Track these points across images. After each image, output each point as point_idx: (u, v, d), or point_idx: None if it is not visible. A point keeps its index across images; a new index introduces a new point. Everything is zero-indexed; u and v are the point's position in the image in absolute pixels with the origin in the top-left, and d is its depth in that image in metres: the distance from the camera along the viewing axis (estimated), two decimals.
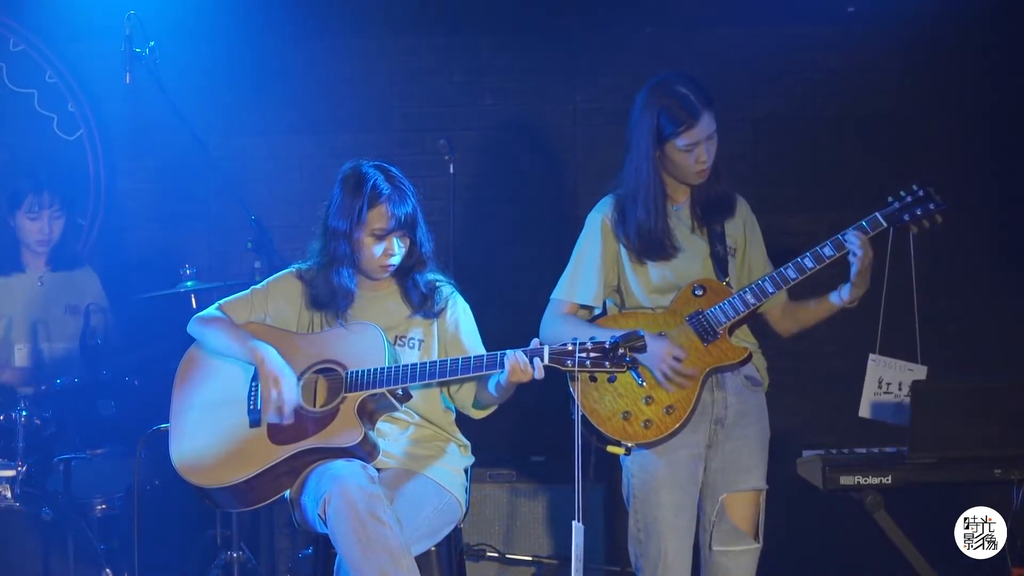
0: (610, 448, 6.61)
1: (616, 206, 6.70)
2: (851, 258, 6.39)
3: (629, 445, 6.58)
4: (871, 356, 6.59)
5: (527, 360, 6.14)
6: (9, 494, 7.58)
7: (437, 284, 6.62)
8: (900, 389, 6.54)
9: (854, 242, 6.35)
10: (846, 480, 6.42)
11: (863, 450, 6.57)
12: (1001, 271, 8.80)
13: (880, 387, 6.58)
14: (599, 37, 8.91)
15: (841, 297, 6.50)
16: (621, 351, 6.06)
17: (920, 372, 6.54)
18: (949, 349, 6.79)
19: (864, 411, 6.61)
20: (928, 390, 6.35)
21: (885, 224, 6.39)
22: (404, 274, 6.57)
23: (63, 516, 7.61)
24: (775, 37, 8.67)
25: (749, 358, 6.63)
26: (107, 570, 7.69)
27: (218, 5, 8.98)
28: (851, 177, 8.55)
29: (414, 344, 6.56)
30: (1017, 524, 6.29)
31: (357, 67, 9.28)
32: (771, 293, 6.50)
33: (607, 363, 6.08)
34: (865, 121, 8.93)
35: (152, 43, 7.95)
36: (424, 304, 6.56)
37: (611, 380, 6.56)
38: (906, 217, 6.39)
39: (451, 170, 7.87)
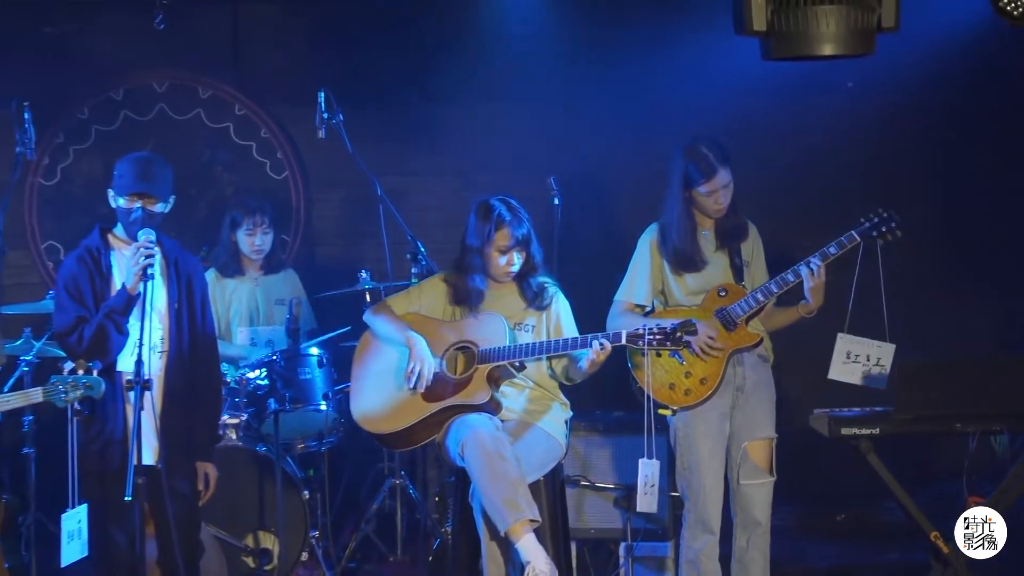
0: (660, 411, 6.64)
1: (659, 231, 6.73)
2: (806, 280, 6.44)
3: (674, 408, 6.64)
4: (839, 335, 6.57)
5: (608, 341, 6.23)
6: (235, 436, 7.70)
7: (545, 285, 6.63)
8: (868, 360, 6.50)
9: (814, 267, 6.41)
10: (846, 431, 6.39)
11: (859, 409, 6.57)
12: (951, 271, 8.82)
13: (848, 358, 6.52)
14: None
15: (800, 308, 6.56)
16: (678, 334, 6.14)
17: (888, 349, 6.50)
18: (912, 331, 6.74)
19: (832, 374, 6.58)
20: (908, 365, 6.34)
21: (859, 239, 6.41)
22: (521, 278, 6.59)
23: (273, 452, 7.71)
24: (788, 106, 8.65)
25: (760, 341, 6.67)
26: (305, 492, 7.78)
27: (386, 78, 8.97)
28: (829, 207, 8.51)
29: (528, 329, 6.58)
30: (971, 464, 6.26)
31: (488, 124, 9.29)
32: (775, 292, 6.51)
33: (668, 343, 6.16)
34: (846, 167, 8.95)
35: (338, 110, 8.05)
36: (536, 300, 6.58)
37: (672, 355, 6.60)
38: (874, 233, 6.41)
39: (556, 201, 7.88)
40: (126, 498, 5.69)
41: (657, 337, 6.15)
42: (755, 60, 5.71)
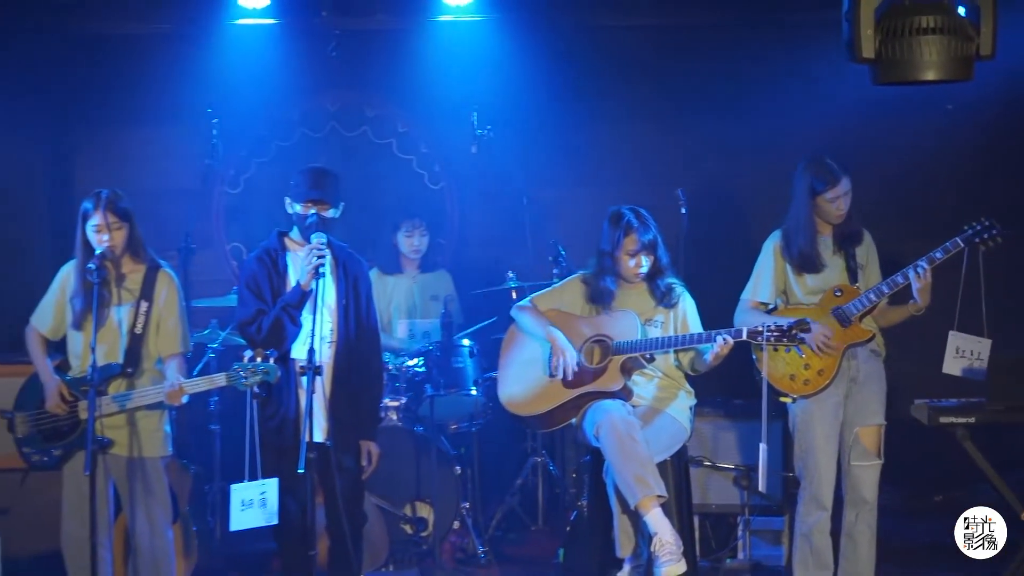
0: (781, 398, 6.64)
1: (784, 236, 6.70)
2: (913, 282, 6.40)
3: (794, 396, 6.64)
4: (950, 332, 6.52)
5: (731, 336, 6.25)
6: (395, 417, 7.79)
7: (673, 285, 6.62)
8: (971, 355, 6.46)
9: (921, 270, 6.37)
10: (944, 419, 6.39)
11: (956, 400, 6.53)
12: None
13: (958, 353, 6.50)
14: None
15: (910, 306, 6.50)
16: (794, 331, 6.13)
17: (986, 344, 6.44)
18: (1007, 328, 6.66)
19: (946, 368, 6.53)
20: (1002, 360, 6.30)
21: (963, 245, 6.35)
22: (650, 278, 6.58)
23: (429, 432, 7.78)
24: (894, 127, 8.56)
25: (873, 337, 6.62)
26: (457, 468, 7.83)
27: (533, 98, 8.99)
28: (933, 216, 8.41)
29: (657, 325, 6.57)
30: None
31: (625, 141, 9.28)
32: (887, 293, 6.47)
33: (784, 339, 6.15)
34: (947, 181, 8.84)
35: (489, 127, 8.13)
36: (664, 298, 6.57)
37: (788, 351, 6.59)
38: (976, 239, 6.35)
39: (683, 210, 7.88)
40: (299, 471, 5.79)
41: (774, 334, 6.13)
42: (864, 85, 5.70)
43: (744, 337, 6.21)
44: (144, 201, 6.64)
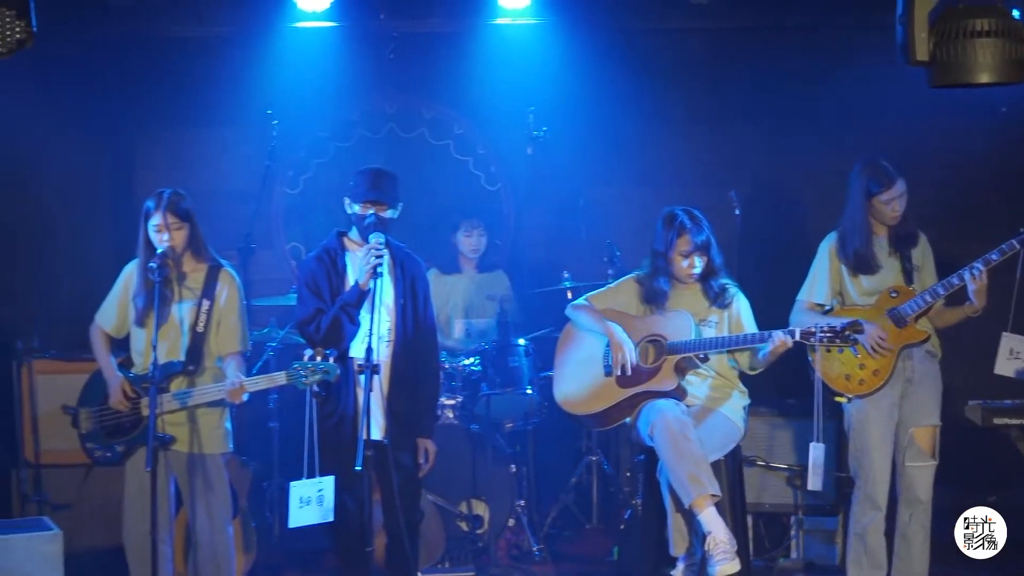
0: (836, 398, 6.66)
1: (839, 238, 6.72)
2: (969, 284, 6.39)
3: (849, 396, 6.65)
4: (1004, 333, 6.50)
5: (785, 337, 6.26)
6: (452, 415, 7.82)
7: (726, 285, 6.62)
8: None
9: (976, 272, 6.36)
10: (998, 420, 6.38)
11: (1010, 401, 6.51)
12: None
13: (1011, 354, 6.48)
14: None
15: (966, 307, 6.50)
16: (847, 332, 6.13)
17: None
18: None
19: (998, 369, 6.53)
20: None
21: (1018, 247, 6.33)
22: (704, 278, 6.58)
23: (485, 430, 7.82)
24: (947, 129, 8.53)
25: (928, 338, 6.63)
26: (512, 466, 7.88)
27: (587, 99, 8.97)
28: (987, 218, 8.37)
29: (711, 325, 6.58)
30: None
31: (680, 143, 9.27)
32: (942, 294, 6.48)
33: (837, 340, 6.15)
34: (1002, 183, 8.75)
35: (545, 128, 8.17)
36: (717, 299, 6.58)
37: (841, 351, 6.60)
38: None
39: (737, 211, 7.89)
40: (356, 468, 5.82)
41: (827, 335, 6.14)
42: (919, 87, 5.71)
43: (797, 338, 6.22)
44: (205, 201, 6.71)
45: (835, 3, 8.57)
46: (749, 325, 6.58)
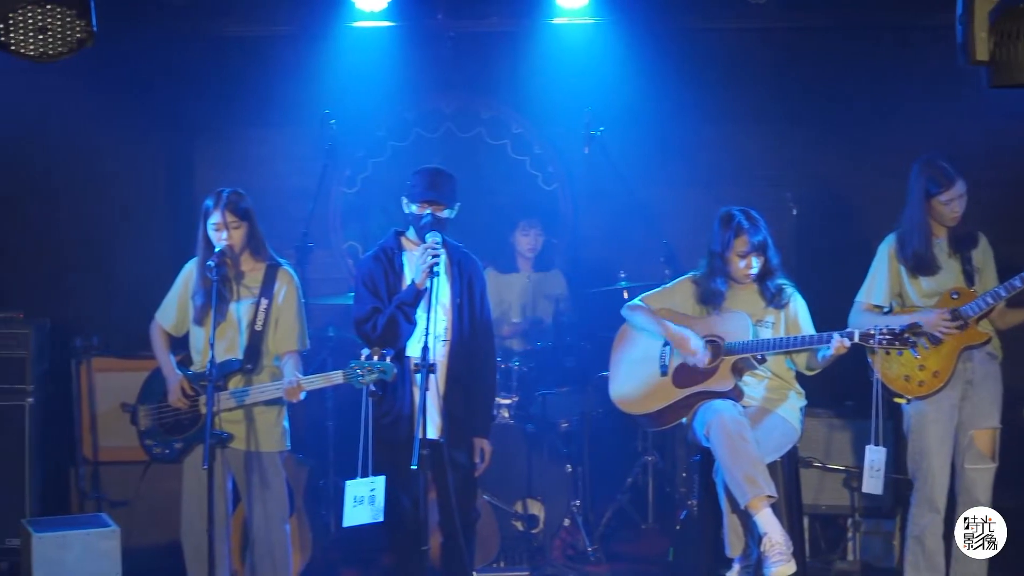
0: (896, 399, 6.63)
1: (898, 239, 6.68)
2: None
3: (909, 398, 6.61)
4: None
5: (844, 339, 6.22)
6: (507, 414, 7.84)
7: (783, 286, 6.61)
8: None
9: None
10: None
11: None
12: None
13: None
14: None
15: None
16: (906, 335, 6.11)
17: None
18: None
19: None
20: None
21: None
22: (761, 279, 6.58)
23: (540, 430, 7.83)
24: (1003, 130, 8.43)
25: (989, 340, 6.58)
26: (568, 465, 7.90)
27: (645, 100, 8.96)
28: None
29: (768, 325, 6.57)
30: None
31: (736, 144, 9.24)
32: (1004, 296, 6.43)
33: (896, 342, 6.13)
34: None
35: (602, 128, 8.15)
36: (774, 299, 6.57)
37: (900, 354, 6.56)
38: None
39: (794, 212, 7.86)
40: (412, 467, 5.84)
41: (886, 337, 6.12)
42: (978, 88, 5.65)
43: (856, 340, 6.20)
44: (263, 200, 6.75)
45: (893, 3, 8.52)
46: (806, 326, 6.56)
